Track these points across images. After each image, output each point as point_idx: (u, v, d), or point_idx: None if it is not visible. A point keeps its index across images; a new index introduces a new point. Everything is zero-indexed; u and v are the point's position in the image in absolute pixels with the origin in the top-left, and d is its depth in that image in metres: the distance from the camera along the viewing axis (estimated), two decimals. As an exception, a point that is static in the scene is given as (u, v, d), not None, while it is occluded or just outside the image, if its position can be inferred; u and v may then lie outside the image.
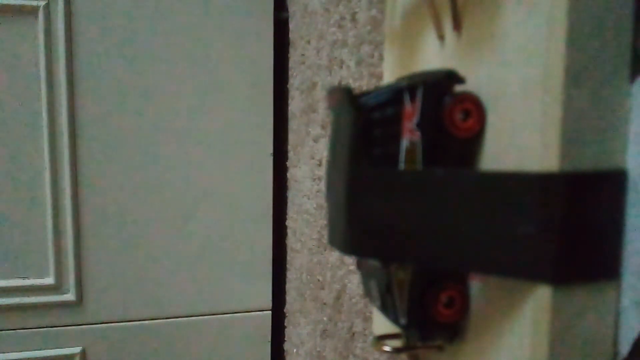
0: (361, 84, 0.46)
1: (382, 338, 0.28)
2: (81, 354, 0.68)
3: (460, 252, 0.20)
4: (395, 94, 0.23)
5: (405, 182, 0.22)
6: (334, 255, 0.53)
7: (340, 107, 0.24)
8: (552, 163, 0.18)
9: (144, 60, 0.67)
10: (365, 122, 0.23)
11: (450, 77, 0.23)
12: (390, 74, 0.33)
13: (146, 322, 0.71)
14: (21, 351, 0.66)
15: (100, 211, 0.67)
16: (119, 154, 0.67)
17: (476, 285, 0.23)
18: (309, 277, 0.61)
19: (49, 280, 0.66)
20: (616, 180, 0.18)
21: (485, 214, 0.20)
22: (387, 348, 0.26)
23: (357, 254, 0.25)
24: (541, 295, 0.19)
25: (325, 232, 0.56)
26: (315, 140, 0.59)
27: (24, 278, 0.66)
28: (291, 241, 0.69)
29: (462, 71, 0.23)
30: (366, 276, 0.28)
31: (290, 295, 0.70)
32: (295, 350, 0.68)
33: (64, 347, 0.68)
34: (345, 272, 0.50)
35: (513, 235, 0.19)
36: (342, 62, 0.51)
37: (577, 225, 0.18)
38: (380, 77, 0.42)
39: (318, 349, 0.58)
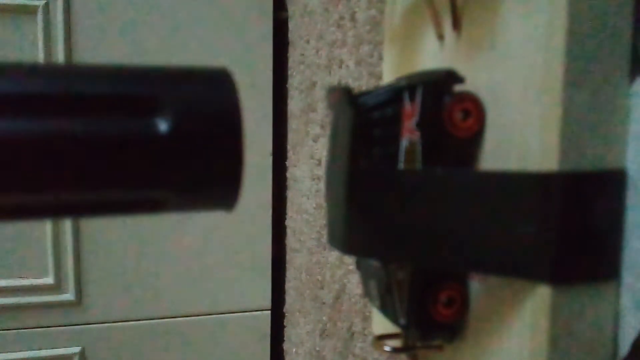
0: (360, 83, 0.46)
1: (381, 338, 0.28)
2: (80, 354, 0.68)
3: (459, 252, 0.20)
4: (395, 94, 0.23)
5: (405, 181, 0.22)
6: (334, 255, 0.53)
7: (339, 106, 0.24)
8: (552, 163, 0.18)
9: (143, 60, 0.67)
10: (364, 121, 0.23)
11: (450, 77, 0.22)
12: (389, 74, 0.33)
13: (145, 321, 0.70)
14: (20, 351, 0.66)
15: (100, 211, 0.67)
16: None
17: (476, 285, 0.23)
18: (308, 276, 0.61)
19: (48, 279, 0.66)
20: (616, 180, 0.18)
21: (484, 213, 0.19)
22: (386, 348, 0.26)
23: (356, 253, 0.25)
24: (541, 295, 0.19)
25: (324, 232, 0.56)
26: (315, 140, 0.59)
27: (23, 277, 0.66)
28: (290, 241, 0.69)
29: (461, 71, 0.23)
30: (365, 276, 0.28)
31: (290, 295, 0.70)
32: (294, 350, 0.68)
33: (63, 347, 0.67)
34: (344, 272, 0.50)
35: (513, 235, 0.19)
36: (341, 61, 0.50)
37: (577, 225, 0.18)
38: (379, 76, 0.42)
39: (317, 349, 0.58)
